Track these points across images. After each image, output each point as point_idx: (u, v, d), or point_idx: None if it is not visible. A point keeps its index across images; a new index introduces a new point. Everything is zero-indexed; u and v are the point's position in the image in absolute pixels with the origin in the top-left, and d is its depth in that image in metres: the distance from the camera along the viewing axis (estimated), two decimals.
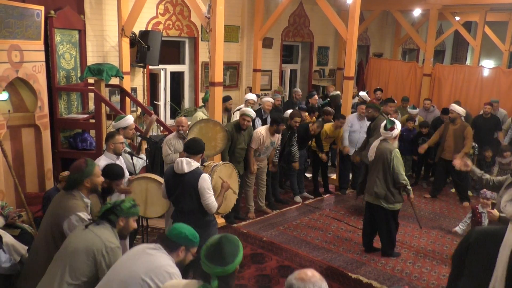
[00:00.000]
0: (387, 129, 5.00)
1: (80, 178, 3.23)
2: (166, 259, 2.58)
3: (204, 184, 3.73)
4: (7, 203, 4.42)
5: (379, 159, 5.00)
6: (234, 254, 2.16)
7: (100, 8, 6.95)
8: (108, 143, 4.31)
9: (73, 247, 2.79)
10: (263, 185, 6.43)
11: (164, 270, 2.52)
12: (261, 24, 8.89)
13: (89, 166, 3.28)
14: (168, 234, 2.65)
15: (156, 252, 2.60)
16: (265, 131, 6.05)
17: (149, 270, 2.51)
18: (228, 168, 4.36)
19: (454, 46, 16.50)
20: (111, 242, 2.80)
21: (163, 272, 2.51)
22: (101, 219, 2.89)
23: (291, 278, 1.91)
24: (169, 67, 8.40)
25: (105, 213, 2.90)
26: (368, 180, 5.26)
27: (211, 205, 3.77)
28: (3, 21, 4.66)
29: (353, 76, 7.77)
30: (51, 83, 5.90)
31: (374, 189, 5.03)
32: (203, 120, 5.46)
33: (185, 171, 3.74)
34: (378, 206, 5.11)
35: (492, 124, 8.12)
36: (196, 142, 3.93)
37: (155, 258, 2.56)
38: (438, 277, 4.92)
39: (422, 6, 10.47)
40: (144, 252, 2.62)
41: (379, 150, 5.02)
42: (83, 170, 3.24)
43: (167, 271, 2.52)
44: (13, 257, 3.43)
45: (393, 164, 4.90)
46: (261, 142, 5.99)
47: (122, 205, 2.91)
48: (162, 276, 2.50)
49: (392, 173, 4.93)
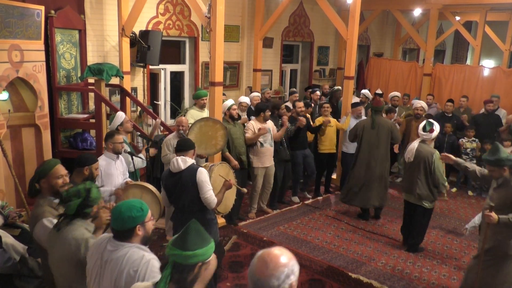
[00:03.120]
0: (427, 131, 5.07)
1: (33, 181, 3.06)
2: (130, 253, 2.37)
3: (202, 177, 3.76)
4: (7, 202, 4.43)
5: (420, 160, 5.09)
6: (197, 244, 1.97)
7: (101, 8, 6.95)
8: (107, 143, 4.33)
9: (55, 258, 2.70)
10: (270, 188, 6.42)
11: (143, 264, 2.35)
12: (261, 24, 8.88)
13: (44, 165, 3.11)
14: (115, 226, 2.39)
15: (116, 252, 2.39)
16: (254, 121, 6.14)
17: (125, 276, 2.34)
18: (225, 167, 4.39)
19: (455, 45, 16.49)
20: (84, 234, 2.66)
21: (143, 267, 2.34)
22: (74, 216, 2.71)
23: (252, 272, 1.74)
24: (169, 67, 8.40)
25: (78, 210, 2.70)
26: (407, 181, 5.36)
27: (210, 198, 3.78)
28: (4, 21, 4.66)
29: (353, 76, 7.77)
30: (51, 82, 5.90)
31: (417, 191, 5.16)
32: (203, 118, 5.45)
33: (181, 168, 3.78)
34: (418, 206, 5.26)
35: (492, 121, 8.10)
36: (184, 140, 4.07)
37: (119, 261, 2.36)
38: (438, 277, 4.92)
39: (423, 6, 10.47)
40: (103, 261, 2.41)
41: (419, 152, 5.11)
42: (36, 172, 3.08)
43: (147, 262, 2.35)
44: (13, 257, 3.43)
45: (435, 166, 5.01)
46: (254, 130, 6.00)
47: (91, 195, 2.73)
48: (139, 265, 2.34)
49: (433, 174, 5.05)
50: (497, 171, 3.83)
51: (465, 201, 7.44)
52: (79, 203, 2.69)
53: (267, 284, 1.67)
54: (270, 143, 6.16)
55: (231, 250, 5.30)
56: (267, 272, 1.68)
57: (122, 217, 2.36)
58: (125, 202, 2.45)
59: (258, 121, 6.13)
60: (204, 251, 1.99)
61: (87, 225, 2.77)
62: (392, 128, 6.30)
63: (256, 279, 1.70)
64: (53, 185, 3.05)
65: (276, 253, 1.73)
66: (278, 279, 1.67)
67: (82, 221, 2.74)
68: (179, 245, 1.97)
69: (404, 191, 5.50)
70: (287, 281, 1.68)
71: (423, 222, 5.37)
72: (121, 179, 4.41)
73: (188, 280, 1.98)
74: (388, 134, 6.21)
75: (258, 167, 6.12)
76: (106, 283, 2.39)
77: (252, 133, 6.00)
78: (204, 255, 1.99)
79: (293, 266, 1.72)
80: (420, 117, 7.44)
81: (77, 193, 2.71)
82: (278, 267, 1.69)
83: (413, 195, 5.26)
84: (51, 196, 3.06)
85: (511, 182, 3.79)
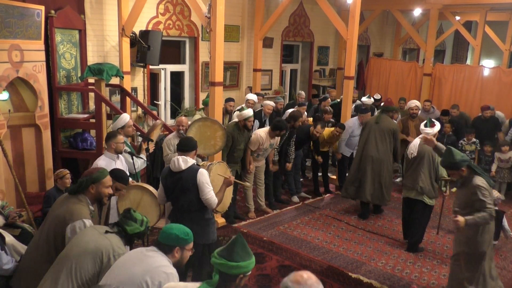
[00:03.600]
0: (428, 126, 5.13)
1: (86, 182, 3.21)
2: (163, 260, 2.60)
3: (203, 179, 3.75)
4: (7, 202, 4.43)
5: (423, 155, 5.19)
6: (242, 257, 2.21)
7: (101, 8, 6.95)
8: (110, 143, 4.32)
9: (82, 247, 2.78)
10: (261, 183, 6.42)
11: (162, 271, 2.54)
12: (261, 24, 8.89)
13: (98, 173, 3.27)
14: (160, 238, 2.68)
15: (154, 253, 2.63)
16: (264, 134, 6.02)
17: (147, 271, 2.52)
18: (222, 166, 4.41)
19: (455, 45, 16.49)
20: (119, 248, 2.83)
21: (161, 272, 2.53)
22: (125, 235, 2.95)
23: (287, 281, 1.91)
24: (169, 67, 8.40)
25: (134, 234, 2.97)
26: (409, 177, 5.38)
27: (211, 199, 3.78)
28: (4, 21, 4.66)
29: (353, 76, 7.77)
30: (51, 82, 5.90)
31: (420, 184, 5.21)
32: (201, 119, 5.44)
33: (182, 168, 3.76)
34: (419, 201, 5.32)
35: (492, 125, 8.13)
36: (188, 139, 3.99)
37: (152, 259, 2.59)
38: (438, 277, 4.92)
39: (423, 6, 10.47)
40: (142, 254, 2.64)
41: (422, 147, 5.17)
42: (91, 175, 3.24)
43: (165, 271, 2.54)
44: (13, 257, 3.43)
45: (438, 160, 5.09)
46: (260, 144, 5.99)
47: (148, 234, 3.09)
48: (160, 276, 2.51)
49: (436, 168, 5.20)
50: (456, 173, 4.00)
51: None
52: (140, 232, 2.99)
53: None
54: (264, 156, 6.26)
55: None
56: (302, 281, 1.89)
57: (169, 233, 2.65)
58: (177, 225, 2.74)
59: (269, 135, 6.02)
60: (247, 264, 2.22)
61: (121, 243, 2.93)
62: (395, 130, 6.32)
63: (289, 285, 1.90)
64: (100, 192, 3.27)
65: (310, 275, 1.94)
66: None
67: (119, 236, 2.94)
68: (225, 256, 2.20)
69: (405, 188, 5.52)
70: None
71: (422, 219, 5.39)
72: None
73: (231, 286, 2.21)
74: (390, 134, 6.23)
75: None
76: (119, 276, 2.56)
77: (258, 146, 5.96)
78: (246, 267, 2.22)
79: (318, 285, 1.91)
80: (415, 116, 7.47)
81: (141, 222, 3.02)
82: (312, 283, 1.90)
83: (415, 190, 5.29)
84: (93, 200, 3.28)
85: (471, 181, 3.92)
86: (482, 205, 3.83)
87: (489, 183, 3.94)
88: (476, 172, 3.96)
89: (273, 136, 6.05)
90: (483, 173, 3.99)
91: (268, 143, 6.06)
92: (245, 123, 5.82)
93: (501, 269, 5.14)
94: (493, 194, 3.97)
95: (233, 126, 5.85)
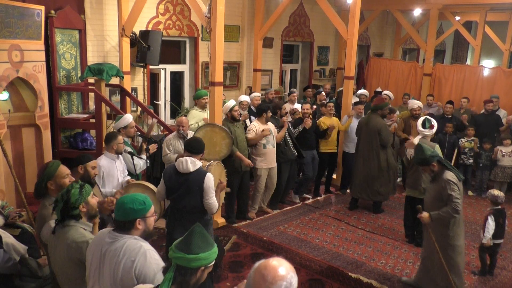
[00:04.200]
0: (427, 127, 5.27)
1: (41, 183, 3.12)
2: (131, 243, 2.40)
3: (210, 183, 3.76)
4: (7, 202, 4.43)
5: None
6: (201, 248, 2.01)
7: (101, 8, 6.95)
8: (111, 144, 4.32)
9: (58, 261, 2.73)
10: (273, 188, 6.42)
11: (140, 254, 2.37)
12: (261, 24, 8.89)
13: (48, 168, 3.16)
14: (117, 217, 2.43)
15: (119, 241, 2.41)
16: (256, 122, 6.14)
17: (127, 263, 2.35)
18: (220, 167, 4.43)
19: (455, 46, 16.49)
20: (79, 237, 2.67)
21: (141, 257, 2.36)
22: (64, 221, 2.71)
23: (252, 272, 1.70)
24: (169, 67, 8.40)
25: (63, 214, 2.70)
26: (410, 176, 5.48)
27: (213, 204, 3.79)
28: (4, 21, 4.66)
29: (353, 76, 7.77)
30: (51, 82, 5.91)
31: (422, 185, 5.28)
32: (209, 124, 5.45)
33: (190, 170, 3.75)
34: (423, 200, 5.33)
35: (493, 121, 8.11)
36: (197, 141, 3.97)
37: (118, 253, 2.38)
38: None
39: (423, 6, 10.47)
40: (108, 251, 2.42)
41: None
42: (42, 174, 3.14)
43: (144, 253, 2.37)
44: (13, 257, 3.43)
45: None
46: (257, 131, 6.00)
47: (71, 198, 2.69)
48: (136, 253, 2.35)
49: None
50: (427, 169, 4.19)
51: (465, 201, 7.43)
52: (61, 208, 2.70)
53: None
54: (272, 144, 6.17)
55: (231, 250, 5.30)
56: (265, 285, 1.62)
57: (124, 208, 2.40)
58: (130, 195, 2.49)
59: (260, 121, 6.13)
60: (207, 255, 2.02)
61: (82, 224, 2.77)
62: (380, 129, 6.37)
63: None
64: (61, 185, 3.13)
65: (274, 265, 1.66)
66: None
67: (76, 221, 2.74)
68: (183, 248, 2.00)
69: (408, 186, 5.59)
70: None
71: None
72: (121, 178, 4.42)
73: (191, 283, 2.01)
74: (375, 134, 6.35)
75: (262, 167, 6.12)
76: (106, 274, 2.41)
77: (255, 134, 6.00)
78: (207, 259, 2.03)
79: (292, 278, 1.66)
80: (418, 117, 7.39)
81: (60, 198, 2.73)
82: (276, 280, 1.62)
83: (417, 190, 5.37)
84: None
85: (441, 176, 4.11)
86: (450, 199, 4.00)
87: (459, 177, 4.11)
88: (447, 167, 4.14)
89: (263, 120, 6.10)
90: (453, 168, 4.19)
91: (266, 129, 6.01)
92: (232, 114, 5.90)
93: (501, 269, 5.14)
94: (461, 189, 4.12)
95: (225, 121, 5.88)
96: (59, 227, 2.73)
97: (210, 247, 2.04)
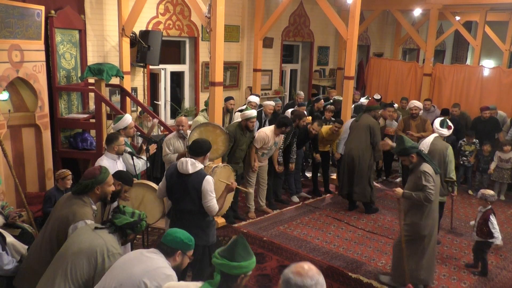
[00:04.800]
0: (445, 127, 5.47)
1: (91, 185, 3.22)
2: (163, 262, 2.61)
3: (208, 187, 3.70)
4: (7, 202, 4.43)
5: (435, 154, 5.31)
6: (243, 257, 2.22)
7: (101, 8, 6.96)
8: (112, 145, 4.30)
9: (77, 247, 2.78)
10: (264, 184, 6.43)
11: (162, 272, 2.54)
12: (261, 24, 8.89)
13: (102, 173, 3.28)
14: (164, 240, 2.68)
15: (154, 255, 2.64)
16: (270, 132, 6.04)
17: (147, 272, 2.52)
18: (227, 170, 4.33)
19: (455, 46, 16.50)
20: (113, 247, 2.82)
21: (161, 274, 2.53)
22: (117, 230, 2.92)
23: (288, 272, 1.90)
24: (169, 67, 8.41)
25: (124, 225, 2.93)
26: None
27: (212, 207, 3.75)
28: (4, 21, 4.66)
29: (353, 76, 7.77)
30: (51, 82, 5.91)
31: None
32: (202, 124, 5.43)
33: (189, 171, 3.72)
34: None
35: (491, 125, 8.14)
36: (198, 144, 3.90)
37: (152, 261, 2.59)
38: (438, 277, 4.91)
39: (423, 6, 10.47)
40: (142, 255, 2.65)
41: (434, 146, 5.37)
42: (96, 177, 3.24)
43: (165, 273, 2.55)
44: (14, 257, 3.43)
45: (449, 159, 5.33)
46: (265, 142, 6.00)
47: (141, 224, 2.99)
48: (160, 278, 2.51)
49: (445, 167, 5.33)
50: (407, 159, 4.41)
51: (465, 201, 7.44)
52: (129, 222, 2.93)
53: (301, 282, 1.82)
54: (270, 155, 6.27)
55: None
56: (304, 272, 1.85)
57: (174, 236, 2.67)
58: (184, 231, 2.75)
59: (275, 132, 6.05)
60: (248, 264, 2.24)
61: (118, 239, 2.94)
62: (372, 127, 6.40)
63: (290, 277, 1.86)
64: (106, 191, 3.30)
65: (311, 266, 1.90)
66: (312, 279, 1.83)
67: (115, 234, 2.93)
68: (226, 256, 2.21)
69: None
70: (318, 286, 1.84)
71: None
72: None
73: (233, 286, 2.21)
74: (366, 129, 6.39)
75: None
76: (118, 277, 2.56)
77: (263, 144, 5.99)
78: (247, 267, 2.24)
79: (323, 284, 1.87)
80: (416, 116, 7.46)
81: (132, 214, 2.97)
82: (314, 274, 1.86)
83: None
84: (96, 200, 3.30)
85: (419, 167, 4.32)
86: (424, 189, 4.24)
87: (436, 170, 4.35)
88: (425, 160, 4.37)
89: (278, 133, 6.07)
90: (431, 161, 4.41)
91: (273, 141, 6.06)
92: (247, 123, 5.83)
93: (501, 269, 5.14)
94: (437, 181, 4.33)
95: (235, 126, 5.85)
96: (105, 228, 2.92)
97: (250, 257, 2.26)
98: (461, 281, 4.84)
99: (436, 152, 5.33)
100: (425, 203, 4.25)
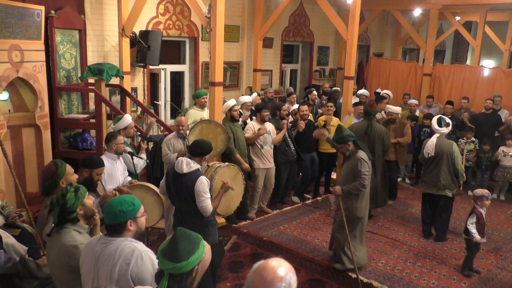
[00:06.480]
0: (443, 126, 5.55)
1: (55, 182, 3.21)
2: (125, 246, 2.39)
3: (200, 187, 3.67)
4: (7, 202, 4.42)
5: (442, 154, 5.50)
6: (190, 251, 1.96)
7: (101, 8, 6.95)
8: (111, 144, 4.32)
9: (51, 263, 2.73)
10: (271, 189, 6.43)
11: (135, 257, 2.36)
12: (261, 24, 8.89)
13: (60, 167, 3.27)
14: (107, 221, 2.42)
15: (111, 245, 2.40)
16: (254, 121, 6.18)
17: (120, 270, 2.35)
18: (232, 170, 4.26)
19: (454, 46, 16.50)
20: (74, 241, 2.65)
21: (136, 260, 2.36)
22: (61, 224, 2.69)
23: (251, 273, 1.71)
24: (169, 67, 8.41)
25: (60, 218, 2.68)
26: (429, 175, 5.69)
27: (205, 208, 3.72)
28: (4, 21, 4.66)
29: (353, 76, 7.76)
30: (51, 83, 5.91)
31: (442, 182, 5.55)
32: (205, 120, 5.44)
33: (183, 171, 3.71)
34: (442, 196, 5.66)
35: (493, 121, 8.08)
36: (199, 145, 3.89)
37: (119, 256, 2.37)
38: (438, 277, 4.92)
39: (423, 6, 10.47)
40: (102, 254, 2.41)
41: (439, 146, 5.52)
42: (55, 173, 3.23)
43: (139, 255, 2.37)
44: (13, 257, 3.43)
45: (455, 155, 5.49)
46: (254, 130, 6.02)
47: (68, 203, 2.67)
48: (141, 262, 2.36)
49: (453, 163, 5.49)
50: (344, 147, 4.72)
51: (465, 201, 7.43)
52: (58, 213, 2.68)
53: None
54: (270, 145, 6.18)
55: (231, 250, 5.30)
56: (264, 286, 1.63)
57: (113, 211, 2.40)
58: (117, 198, 2.49)
59: (257, 121, 6.16)
60: (197, 255, 1.98)
61: (78, 227, 2.75)
62: (384, 134, 6.21)
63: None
64: (71, 182, 3.21)
65: (273, 266, 1.67)
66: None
67: (73, 224, 2.73)
68: (171, 257, 1.94)
69: (426, 184, 5.78)
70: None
71: (446, 211, 5.72)
72: (122, 178, 4.42)
73: (187, 283, 1.98)
74: (379, 140, 6.13)
75: (259, 168, 6.12)
76: (102, 279, 2.40)
77: (252, 133, 6.02)
78: (198, 258, 1.98)
79: (291, 279, 1.66)
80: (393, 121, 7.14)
81: (56, 203, 2.70)
82: (275, 281, 1.63)
83: (436, 187, 5.61)
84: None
85: (355, 154, 4.64)
86: (359, 175, 4.56)
87: (369, 157, 4.69)
88: (360, 148, 4.69)
89: (261, 119, 6.10)
90: (365, 149, 4.75)
91: (262, 128, 5.99)
92: (231, 113, 5.91)
93: (501, 269, 5.14)
94: (371, 167, 4.69)
95: (225, 120, 5.89)
96: (54, 231, 2.72)
97: (197, 246, 1.99)
98: (461, 281, 4.84)
99: (442, 151, 5.46)
100: (361, 189, 4.59)
